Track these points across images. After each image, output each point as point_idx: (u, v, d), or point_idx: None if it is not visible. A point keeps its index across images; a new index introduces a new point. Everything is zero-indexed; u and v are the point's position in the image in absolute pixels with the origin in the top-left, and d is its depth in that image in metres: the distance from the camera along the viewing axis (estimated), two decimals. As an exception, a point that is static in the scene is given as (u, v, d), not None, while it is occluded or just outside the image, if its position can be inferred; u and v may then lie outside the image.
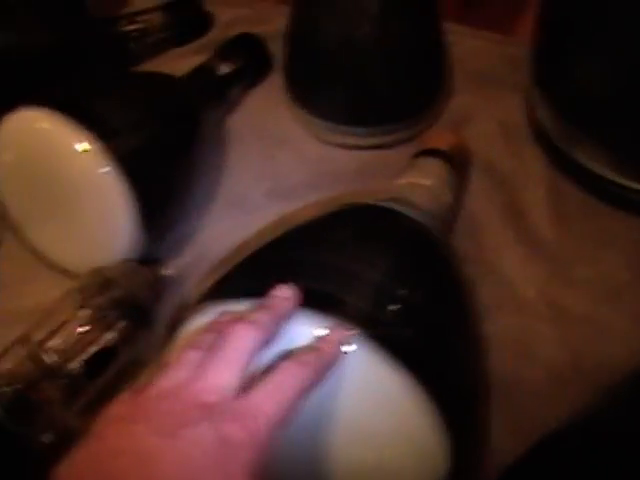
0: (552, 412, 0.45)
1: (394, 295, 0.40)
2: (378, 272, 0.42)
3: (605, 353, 0.53)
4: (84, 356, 0.50)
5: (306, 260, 0.42)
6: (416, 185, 0.54)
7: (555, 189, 0.62)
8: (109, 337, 0.51)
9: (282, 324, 0.36)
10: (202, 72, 0.67)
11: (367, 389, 0.37)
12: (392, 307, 0.40)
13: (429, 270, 0.45)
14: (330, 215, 0.47)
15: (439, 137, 0.61)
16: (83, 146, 0.51)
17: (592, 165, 0.59)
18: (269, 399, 0.33)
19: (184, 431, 0.30)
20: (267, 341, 0.35)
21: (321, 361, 0.35)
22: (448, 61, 0.68)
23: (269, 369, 0.34)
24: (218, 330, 0.35)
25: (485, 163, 0.63)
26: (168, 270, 0.56)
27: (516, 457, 0.42)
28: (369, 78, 0.61)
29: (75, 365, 0.50)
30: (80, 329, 0.50)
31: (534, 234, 0.59)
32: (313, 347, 0.36)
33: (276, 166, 0.65)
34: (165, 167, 0.57)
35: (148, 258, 0.56)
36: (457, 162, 0.58)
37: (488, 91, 0.70)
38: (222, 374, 0.33)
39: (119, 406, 0.33)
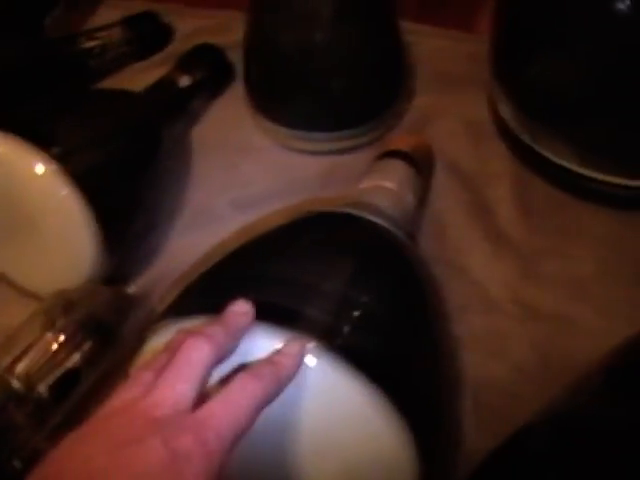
0: (523, 410, 0.44)
1: (355, 304, 0.40)
2: (338, 281, 0.41)
3: (574, 349, 0.52)
4: (50, 379, 0.49)
5: (264, 273, 0.42)
6: (379, 188, 0.54)
7: (521, 184, 0.62)
8: (74, 359, 0.50)
9: (238, 338, 0.36)
10: (162, 85, 0.67)
11: (329, 400, 0.37)
12: (353, 317, 0.39)
13: (391, 276, 0.45)
14: (289, 225, 0.47)
15: (400, 139, 0.61)
16: (39, 168, 0.51)
17: (556, 158, 0.59)
18: (222, 411, 0.32)
19: (133, 448, 0.30)
20: (221, 355, 0.35)
21: (277, 373, 0.34)
22: (408, 62, 0.68)
23: (224, 382, 0.34)
24: (172, 349, 0.35)
25: (449, 162, 0.63)
26: (133, 288, 0.56)
27: (487, 454, 0.42)
28: (327, 83, 0.61)
29: (42, 389, 0.49)
30: (45, 352, 0.50)
31: (501, 231, 0.59)
32: (269, 360, 0.35)
33: (240, 175, 0.65)
34: (127, 184, 0.56)
35: (113, 276, 0.55)
36: (420, 163, 0.58)
37: (450, 90, 0.69)
38: (174, 388, 0.32)
39: (77, 431, 0.32)
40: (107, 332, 0.52)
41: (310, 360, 0.36)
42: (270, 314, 0.38)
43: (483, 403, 0.50)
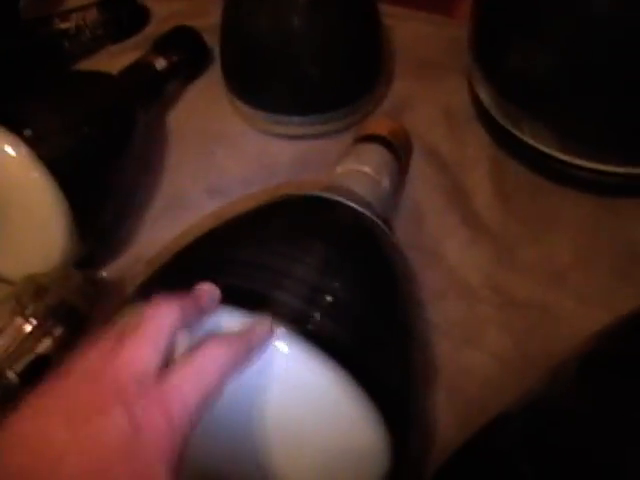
0: (500, 398, 0.44)
1: (326, 290, 0.40)
2: (309, 266, 0.41)
3: (551, 336, 0.52)
4: (20, 365, 0.49)
5: (235, 256, 0.41)
6: (355, 172, 0.54)
7: (499, 169, 0.61)
8: (45, 345, 0.49)
9: (204, 313, 0.35)
10: (138, 68, 0.66)
11: (298, 386, 0.37)
12: (324, 302, 0.39)
13: (364, 262, 0.44)
14: (261, 208, 0.46)
15: (378, 123, 0.60)
16: (9, 151, 0.50)
17: (536, 143, 0.58)
18: (188, 382, 0.31)
19: (95, 421, 0.29)
20: (187, 326, 0.34)
21: (245, 341, 0.34)
22: (387, 46, 0.67)
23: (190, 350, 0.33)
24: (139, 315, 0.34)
25: (428, 147, 0.63)
26: (104, 273, 0.55)
27: (461, 443, 0.41)
28: (304, 67, 0.60)
29: (11, 375, 0.48)
30: (15, 338, 0.49)
31: (478, 217, 0.58)
32: (237, 333, 0.34)
33: (216, 162, 0.64)
34: (99, 168, 0.56)
35: (85, 261, 0.54)
36: (398, 147, 0.57)
37: (429, 74, 0.69)
38: (138, 350, 0.31)
39: (37, 398, 0.31)
40: (78, 317, 0.51)
41: (280, 345, 0.36)
42: (239, 297, 0.37)
43: (458, 390, 0.50)
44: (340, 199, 0.46)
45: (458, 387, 0.50)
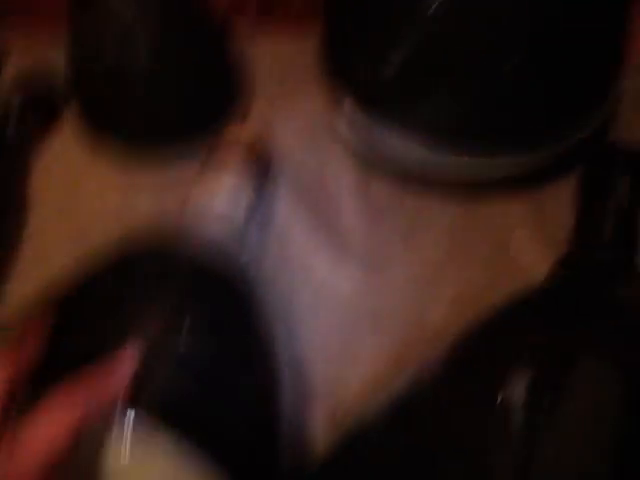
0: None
1: (167, 351, 0.38)
2: (147, 328, 0.40)
3: (427, 339, 0.52)
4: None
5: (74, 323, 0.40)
6: (203, 208, 0.52)
7: (364, 181, 0.61)
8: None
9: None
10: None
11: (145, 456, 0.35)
12: (165, 365, 0.38)
13: (207, 319, 0.43)
14: (103, 269, 0.45)
15: (226, 145, 0.59)
16: None
17: (396, 152, 0.58)
18: (32, 438, 0.31)
19: None
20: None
21: (92, 398, 0.33)
22: (244, 69, 0.67)
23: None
24: None
25: (292, 166, 0.62)
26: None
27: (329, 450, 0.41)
28: (151, 103, 0.59)
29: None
30: None
31: (345, 230, 0.59)
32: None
33: (79, 215, 0.62)
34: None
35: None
36: (253, 169, 0.57)
37: (290, 90, 0.68)
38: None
39: None
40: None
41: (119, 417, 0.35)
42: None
43: (337, 405, 0.49)
44: (180, 249, 0.45)
45: (337, 402, 0.49)
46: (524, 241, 0.57)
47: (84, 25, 0.59)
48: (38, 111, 0.67)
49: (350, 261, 0.56)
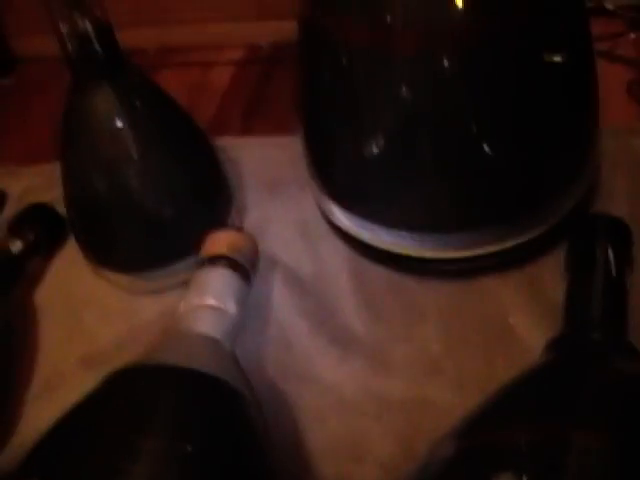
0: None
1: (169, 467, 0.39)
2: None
3: (434, 431, 0.52)
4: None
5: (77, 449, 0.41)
6: (196, 308, 0.53)
7: (361, 278, 0.62)
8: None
9: None
10: (-7, 256, 0.66)
11: None
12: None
13: (200, 440, 0.43)
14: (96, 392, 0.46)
15: (212, 241, 0.59)
16: None
17: (388, 246, 0.59)
18: None
19: None
20: None
21: None
22: (235, 179, 0.69)
23: None
24: None
25: (287, 269, 0.64)
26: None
27: None
28: (146, 222, 0.61)
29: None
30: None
31: (347, 331, 0.59)
32: None
33: (85, 330, 0.64)
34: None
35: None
36: (239, 259, 0.57)
37: (281, 196, 0.71)
38: None
39: None
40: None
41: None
42: None
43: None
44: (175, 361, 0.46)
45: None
46: (521, 317, 0.57)
47: (71, 160, 0.61)
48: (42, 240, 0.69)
49: (353, 363, 0.57)
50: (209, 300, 0.53)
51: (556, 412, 0.40)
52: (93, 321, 0.65)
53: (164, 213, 0.62)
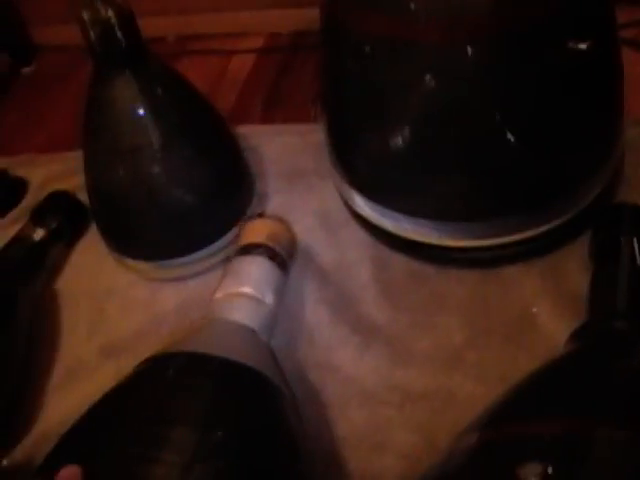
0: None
1: (201, 458, 0.39)
2: (182, 432, 0.40)
3: (457, 421, 0.52)
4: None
5: (117, 432, 0.41)
6: (234, 296, 0.53)
7: (382, 267, 0.62)
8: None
9: None
10: (17, 244, 0.67)
11: None
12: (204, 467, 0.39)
13: (237, 428, 0.43)
14: (130, 379, 0.46)
15: (253, 229, 0.59)
16: None
17: (411, 234, 0.59)
18: None
19: None
20: None
21: None
22: (256, 166, 0.70)
23: None
24: None
25: (308, 259, 0.63)
26: (5, 462, 0.54)
27: None
28: (170, 211, 0.62)
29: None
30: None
31: (368, 320, 0.59)
32: None
33: (106, 319, 0.64)
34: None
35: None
36: (278, 250, 0.57)
37: (302, 184, 0.71)
38: None
39: None
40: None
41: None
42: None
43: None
44: (210, 349, 0.46)
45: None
46: (544, 306, 0.56)
47: (94, 148, 0.61)
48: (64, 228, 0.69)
49: (374, 352, 0.57)
50: (247, 289, 0.53)
51: (580, 404, 0.39)
52: (114, 310, 0.65)
53: (185, 201, 0.62)
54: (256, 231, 0.58)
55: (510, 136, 0.53)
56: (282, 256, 0.57)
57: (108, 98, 0.57)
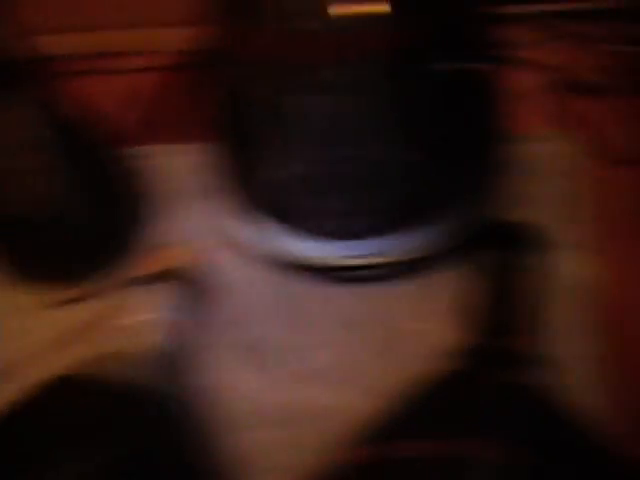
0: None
1: None
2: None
3: (343, 439, 0.53)
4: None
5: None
6: (139, 321, 0.54)
7: (278, 286, 0.63)
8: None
9: None
10: None
11: None
12: None
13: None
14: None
15: (152, 255, 0.60)
16: None
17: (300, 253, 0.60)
18: None
19: None
20: None
21: None
22: (143, 189, 0.69)
23: None
24: None
25: (207, 280, 0.64)
26: None
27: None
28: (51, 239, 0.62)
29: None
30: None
31: (264, 340, 0.60)
32: None
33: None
34: None
35: None
36: (181, 276, 0.58)
37: (202, 204, 0.70)
38: None
39: None
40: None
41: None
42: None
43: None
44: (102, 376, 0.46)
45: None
46: (426, 324, 0.59)
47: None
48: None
49: (271, 372, 0.58)
50: (150, 313, 0.54)
51: (451, 424, 0.40)
52: (9, 332, 0.63)
53: (66, 226, 0.62)
54: (156, 256, 0.59)
55: (386, 155, 0.54)
56: (183, 279, 0.58)
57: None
